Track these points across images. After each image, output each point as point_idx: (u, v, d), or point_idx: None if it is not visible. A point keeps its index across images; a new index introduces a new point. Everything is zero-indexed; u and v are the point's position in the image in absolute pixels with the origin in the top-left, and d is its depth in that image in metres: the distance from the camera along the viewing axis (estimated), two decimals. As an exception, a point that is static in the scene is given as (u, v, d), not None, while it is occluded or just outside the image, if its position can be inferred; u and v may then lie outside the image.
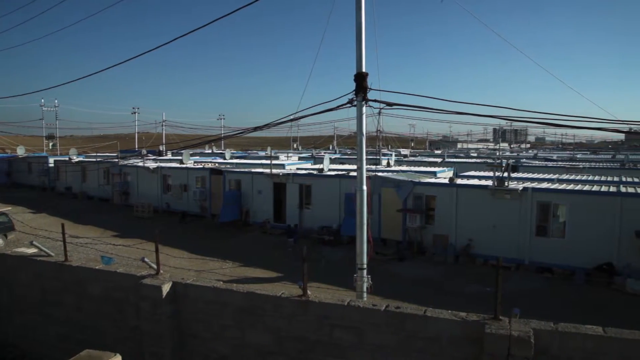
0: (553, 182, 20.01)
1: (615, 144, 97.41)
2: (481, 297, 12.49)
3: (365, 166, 10.30)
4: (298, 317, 7.36)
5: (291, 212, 23.23)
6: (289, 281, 14.25)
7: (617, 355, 5.68)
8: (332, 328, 7.13)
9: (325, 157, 26.29)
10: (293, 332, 7.41)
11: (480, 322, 6.19)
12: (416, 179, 20.75)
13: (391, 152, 46.78)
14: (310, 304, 7.26)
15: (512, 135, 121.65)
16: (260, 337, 7.70)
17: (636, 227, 15.35)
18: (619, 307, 13.50)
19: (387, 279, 14.88)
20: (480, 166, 30.41)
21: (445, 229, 18.58)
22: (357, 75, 9.81)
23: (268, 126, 12.98)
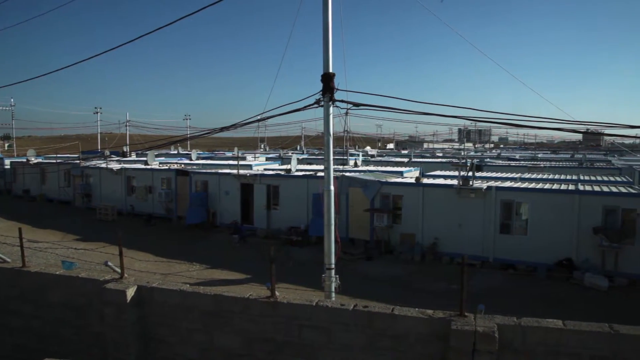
0: (516, 181, 20.57)
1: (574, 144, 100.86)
2: (447, 295, 12.70)
3: (332, 166, 10.32)
4: (266, 319, 7.31)
5: (259, 213, 23.09)
6: (257, 282, 14.16)
7: (576, 346, 5.87)
8: (301, 328, 7.11)
9: (293, 158, 26.25)
10: (262, 334, 7.36)
11: (446, 319, 6.29)
12: (383, 178, 20.95)
13: (358, 152, 47.09)
14: (279, 305, 7.21)
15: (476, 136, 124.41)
16: (228, 339, 7.60)
17: (594, 224, 15.94)
18: (578, 300, 13.99)
19: (355, 279, 14.96)
20: (445, 166, 30.95)
21: (412, 228, 18.83)
22: (324, 76, 9.81)
23: (235, 126, 12.85)
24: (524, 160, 42.01)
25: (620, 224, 15.84)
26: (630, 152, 52.77)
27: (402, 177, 23.36)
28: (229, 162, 32.83)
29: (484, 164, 33.14)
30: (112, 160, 34.52)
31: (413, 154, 50.72)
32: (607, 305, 13.62)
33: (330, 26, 9.79)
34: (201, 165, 32.21)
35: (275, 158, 43.77)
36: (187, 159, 40.87)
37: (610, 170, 29.88)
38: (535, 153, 57.62)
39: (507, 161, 40.58)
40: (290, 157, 31.62)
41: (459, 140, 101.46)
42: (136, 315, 8.00)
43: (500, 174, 24.69)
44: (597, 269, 15.61)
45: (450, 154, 60.84)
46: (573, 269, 15.88)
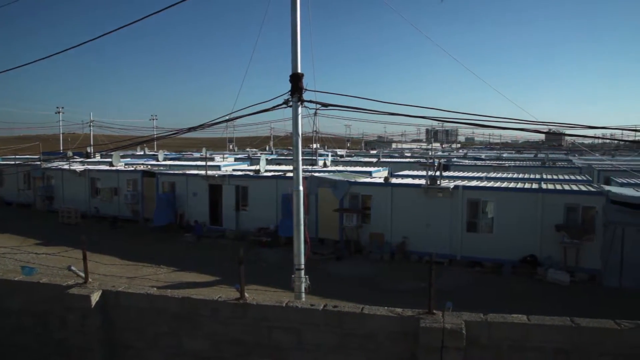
0: (482, 181, 20.98)
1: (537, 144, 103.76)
2: (416, 293, 12.85)
3: (301, 167, 10.31)
4: (236, 321, 7.23)
5: (227, 214, 22.86)
6: (226, 284, 13.96)
7: (539, 340, 6.03)
8: (271, 330, 7.06)
9: (262, 158, 26.12)
10: (231, 336, 7.27)
11: (415, 317, 6.35)
12: (352, 178, 21.05)
13: (327, 152, 47.19)
14: (248, 306, 7.14)
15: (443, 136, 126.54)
16: (197, 343, 7.48)
17: (556, 222, 16.42)
18: (541, 295, 14.39)
19: (325, 279, 14.98)
20: (413, 166, 31.32)
21: (381, 227, 18.98)
22: (292, 76, 9.80)
23: (203, 127, 12.68)
24: (489, 159, 42.91)
25: (580, 221, 16.38)
26: (590, 151, 54.63)
27: (371, 177, 23.52)
28: (197, 163, 32.41)
29: (451, 164, 33.73)
30: (75, 162, 33.56)
31: (382, 154, 51.17)
32: (568, 299, 14.06)
33: (298, 26, 9.78)
34: (168, 166, 31.67)
35: (244, 159, 43.43)
36: (154, 160, 40.07)
37: (571, 169, 30.85)
38: (501, 153, 58.95)
39: (474, 161, 41.40)
40: (259, 157, 31.44)
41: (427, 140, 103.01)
42: (101, 320, 7.79)
43: (467, 174, 25.17)
44: (559, 265, 16.10)
45: (418, 154, 61.65)
46: (537, 265, 16.32)
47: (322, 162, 32.71)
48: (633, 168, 27.54)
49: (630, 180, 22.18)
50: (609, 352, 5.89)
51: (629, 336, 5.84)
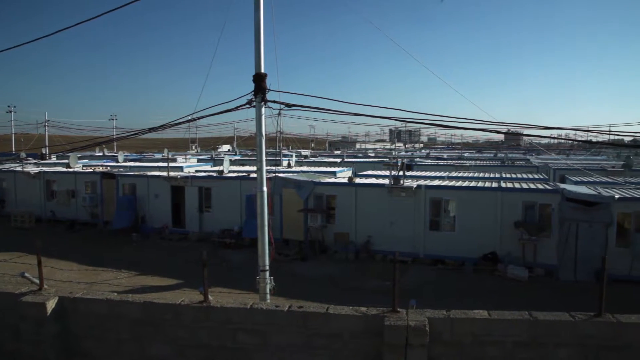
0: (444, 180, 21.38)
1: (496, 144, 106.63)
2: (381, 291, 12.97)
3: (265, 167, 10.24)
4: (200, 324, 7.11)
5: (191, 216, 22.50)
6: (190, 287, 13.79)
7: (500, 334, 6.20)
8: (236, 332, 6.98)
9: (225, 159, 25.85)
10: (195, 340, 7.15)
11: (380, 315, 6.41)
12: (316, 179, 21.07)
13: (291, 153, 47.13)
14: (212, 309, 7.04)
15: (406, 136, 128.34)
16: (160, 348, 7.32)
17: (515, 219, 16.91)
18: (502, 291, 14.77)
19: (290, 279, 14.94)
20: (377, 165, 31.69)
21: (345, 227, 19.08)
22: (255, 76, 9.71)
23: (164, 127, 12.43)
24: (451, 159, 43.84)
25: (538, 218, 16.93)
26: (546, 151, 56.58)
27: (335, 177, 23.62)
28: (158, 164, 31.73)
29: (414, 164, 34.25)
30: (29, 163, 32.31)
31: (346, 155, 51.47)
32: (527, 294, 14.49)
33: (261, 26, 9.70)
34: (129, 168, 30.92)
35: (207, 159, 42.86)
36: (114, 161, 39.07)
37: (528, 168, 31.87)
38: (462, 153, 60.31)
39: (436, 160, 42.21)
40: (222, 158, 31.09)
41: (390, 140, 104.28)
42: (58, 329, 7.51)
43: (430, 173, 25.59)
44: (518, 261, 16.57)
45: (381, 154, 62.34)
46: (497, 262, 16.76)
47: (286, 162, 32.63)
48: (586, 167, 28.69)
49: (584, 178, 23.10)
50: (564, 343, 6.14)
51: (582, 327, 6.11)
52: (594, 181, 21.86)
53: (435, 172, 26.38)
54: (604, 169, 29.76)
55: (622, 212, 16.05)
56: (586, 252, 15.65)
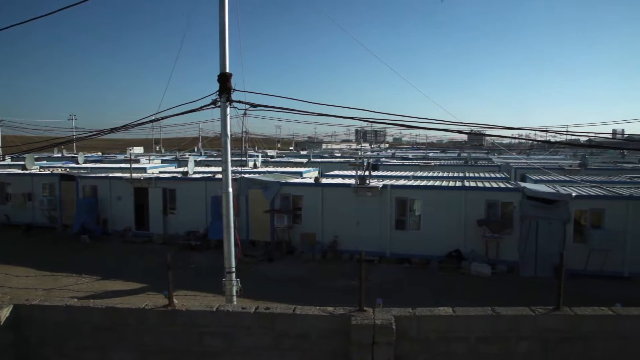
0: (409, 179, 21.68)
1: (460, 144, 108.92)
2: (348, 291, 13.00)
3: (230, 168, 10.14)
4: (164, 329, 6.97)
5: (155, 219, 22.06)
6: (154, 291, 13.49)
7: (464, 330, 6.33)
8: (202, 336, 6.87)
9: (190, 160, 25.46)
10: (160, 345, 7.00)
11: (346, 315, 6.43)
12: (283, 179, 21.01)
13: (258, 153, 46.85)
14: (177, 313, 6.91)
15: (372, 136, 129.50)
16: (124, 355, 7.12)
17: (478, 217, 17.30)
18: (466, 288, 15.08)
19: (257, 281, 14.84)
20: (343, 166, 31.83)
21: (312, 227, 19.10)
22: (220, 76, 9.60)
23: (126, 127, 12.16)
24: (416, 159, 44.47)
25: (500, 216, 17.37)
26: (508, 150, 58.12)
27: (301, 177, 23.61)
28: (121, 166, 30.97)
29: (379, 164, 34.60)
30: (-18, 166, 30.97)
31: (312, 155, 51.51)
32: (490, 290, 14.84)
33: (226, 25, 9.60)
34: (89, 169, 30.02)
35: (172, 160, 42.13)
36: (74, 162, 37.91)
37: (491, 167, 32.66)
38: (427, 152, 61.28)
39: (401, 160, 42.74)
40: (187, 159, 30.61)
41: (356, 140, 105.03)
42: (13, 338, 7.20)
43: (395, 173, 25.93)
44: (481, 258, 16.97)
45: (348, 154, 62.66)
46: (461, 259, 17.11)
47: (252, 163, 32.42)
48: (545, 166, 29.63)
49: (543, 177, 23.87)
50: (525, 337, 6.32)
51: (541, 320, 6.31)
52: (553, 180, 22.63)
53: (400, 172, 26.72)
54: (562, 168, 30.84)
55: (579, 209, 16.65)
56: (546, 249, 16.16)
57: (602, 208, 16.37)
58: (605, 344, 6.31)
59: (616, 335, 6.31)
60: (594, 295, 13.36)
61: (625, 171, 30.07)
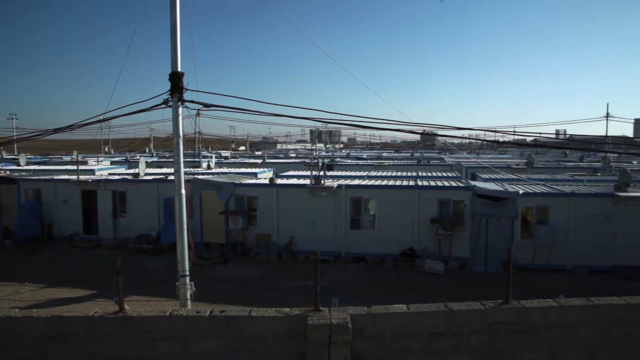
0: (364, 179, 21.91)
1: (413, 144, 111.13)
2: (304, 291, 12.98)
3: (183, 169, 9.91)
4: (115, 336, 6.72)
5: (104, 222, 21.30)
6: (104, 298, 13.04)
7: (418, 326, 6.46)
8: (155, 342, 6.68)
9: (141, 161, 24.74)
10: (111, 353, 6.75)
11: (302, 315, 6.42)
12: (237, 180, 20.77)
13: (211, 154, 46.16)
14: (128, 319, 6.69)
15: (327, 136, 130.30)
16: (71, 364, 6.83)
17: (431, 215, 17.69)
18: (420, 285, 15.39)
19: (212, 284, 14.62)
20: (298, 166, 31.81)
21: (267, 228, 18.98)
22: (172, 75, 9.36)
23: (72, 127, 11.64)
24: (370, 159, 45.02)
25: (452, 214, 17.83)
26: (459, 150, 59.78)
27: (256, 178, 23.44)
28: (67, 167, 29.74)
29: (334, 164, 34.82)
30: None
31: (267, 155, 51.25)
32: (443, 286, 15.21)
33: (178, 22, 9.37)
34: (32, 172, 28.66)
35: (122, 162, 40.85)
36: (15, 164, 36.06)
37: (443, 166, 33.51)
38: (381, 152, 62.16)
39: (356, 160, 43.16)
40: (138, 160, 29.76)
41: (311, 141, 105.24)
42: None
43: (350, 173, 26.12)
44: (435, 256, 17.38)
45: (302, 154, 62.71)
46: (415, 257, 17.45)
47: (206, 164, 31.90)
48: (494, 165, 30.69)
49: (492, 175, 24.70)
50: (477, 330, 6.53)
51: (491, 314, 6.54)
52: (501, 178, 23.48)
53: (355, 172, 26.96)
54: (510, 166, 32.06)
55: (526, 206, 17.33)
56: (495, 245, 16.74)
57: (546, 205, 17.11)
58: (550, 333, 6.62)
59: (560, 325, 6.63)
60: (540, 288, 13.97)
61: (567, 169, 31.60)
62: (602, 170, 30.76)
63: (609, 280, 15.72)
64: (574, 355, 6.70)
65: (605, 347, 6.73)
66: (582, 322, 6.67)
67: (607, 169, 31.13)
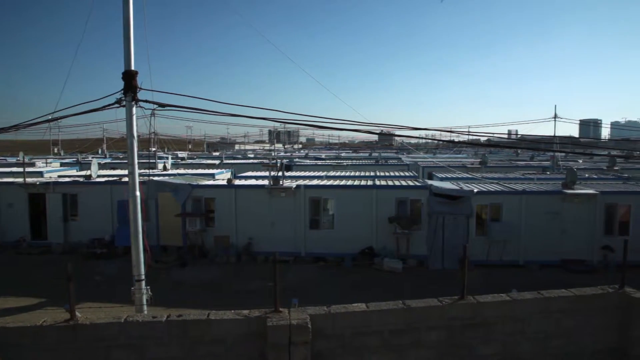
0: (322, 179, 21.98)
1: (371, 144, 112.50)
2: (264, 292, 12.91)
3: (138, 171, 9.66)
4: (66, 346, 6.45)
5: (54, 226, 20.44)
6: (54, 306, 12.51)
7: (377, 324, 6.53)
8: (109, 350, 6.46)
9: (94, 162, 23.94)
10: (61, 363, 6.48)
11: (262, 317, 6.37)
12: (194, 181, 20.41)
13: (167, 155, 45.20)
14: (80, 327, 6.43)
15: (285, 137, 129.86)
16: (17, 377, 6.51)
17: (389, 214, 17.94)
18: (379, 283, 15.57)
19: (169, 288, 14.31)
20: (257, 166, 31.59)
21: (226, 230, 18.74)
22: (125, 73, 9.10)
23: (17, 127, 11.14)
24: (329, 159, 45.24)
25: (409, 213, 18.14)
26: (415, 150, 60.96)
27: (214, 179, 23.11)
28: (12, 170, 28.39)
29: (293, 164, 34.78)
30: None
31: (225, 156, 50.63)
32: (402, 284, 15.45)
33: (131, 19, 9.11)
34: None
35: (73, 163, 39.40)
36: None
37: (400, 166, 34.07)
38: (339, 152, 62.56)
39: (315, 161, 43.24)
40: (90, 161, 28.77)
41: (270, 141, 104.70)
42: None
43: (309, 173, 26.14)
44: (393, 254, 17.63)
45: (261, 154, 62.32)
46: (374, 256, 17.65)
47: (162, 165, 31.20)
48: (450, 164, 31.45)
49: (448, 175, 25.30)
50: (434, 326, 6.68)
51: (448, 310, 6.70)
52: (457, 177, 24.09)
53: (314, 172, 27.00)
54: (465, 166, 32.94)
55: (480, 204, 17.84)
56: (451, 242, 17.15)
57: (500, 202, 17.68)
58: (504, 327, 6.85)
59: (512, 318, 6.86)
60: (494, 283, 14.38)
61: (519, 168, 32.76)
62: (551, 169, 32.10)
63: (558, 273, 16.40)
64: (525, 346, 6.95)
65: (554, 337, 7.03)
66: (532, 314, 6.93)
67: (555, 167, 32.48)
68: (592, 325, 7.17)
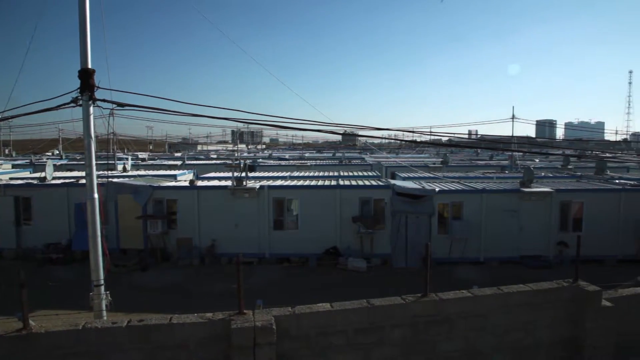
0: (286, 180, 21.92)
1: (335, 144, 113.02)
2: (228, 295, 12.73)
3: (96, 172, 9.37)
4: (19, 356, 6.18)
5: (5, 231, 19.52)
6: (5, 315, 11.97)
7: (342, 324, 6.55)
8: (65, 358, 6.23)
9: (49, 164, 23.07)
10: (15, 374, 6.21)
11: (226, 319, 6.29)
12: (155, 183, 19.98)
13: (127, 156, 44.10)
14: (34, 336, 6.17)
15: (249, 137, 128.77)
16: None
17: (353, 214, 18.06)
18: (344, 282, 15.66)
19: (130, 292, 13.95)
20: (220, 167, 31.23)
21: (188, 231, 18.43)
22: (82, 72, 8.81)
23: (-35, 129, 10.62)
24: (293, 159, 45.17)
25: (373, 212, 18.31)
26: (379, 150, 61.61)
27: (176, 180, 22.69)
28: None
29: (256, 165, 34.54)
30: None
31: (187, 157, 49.82)
32: (366, 283, 15.59)
33: (87, 15, 8.82)
34: None
35: (26, 165, 37.91)
36: None
37: (363, 166, 34.36)
38: (303, 153, 62.56)
39: (278, 161, 43.09)
40: (45, 163, 27.74)
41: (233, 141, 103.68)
42: None
43: (272, 174, 26.04)
44: (357, 253, 17.75)
45: (224, 155, 61.65)
46: (339, 256, 17.72)
47: (121, 166, 30.41)
48: (412, 164, 31.92)
49: (411, 174, 25.67)
50: (398, 324, 6.76)
51: (411, 307, 6.78)
52: (419, 177, 24.47)
53: (278, 173, 26.92)
54: (427, 165, 33.51)
55: (442, 202, 18.18)
56: (414, 241, 17.41)
57: (461, 201, 18.07)
58: (466, 323, 7.00)
59: (474, 314, 7.02)
60: (456, 280, 14.71)
61: (479, 167, 33.59)
62: (509, 168, 33.06)
63: (517, 269, 16.91)
64: (486, 341, 7.12)
65: (513, 331, 7.24)
66: (493, 310, 7.11)
67: (513, 166, 33.48)
68: (549, 318, 7.42)
